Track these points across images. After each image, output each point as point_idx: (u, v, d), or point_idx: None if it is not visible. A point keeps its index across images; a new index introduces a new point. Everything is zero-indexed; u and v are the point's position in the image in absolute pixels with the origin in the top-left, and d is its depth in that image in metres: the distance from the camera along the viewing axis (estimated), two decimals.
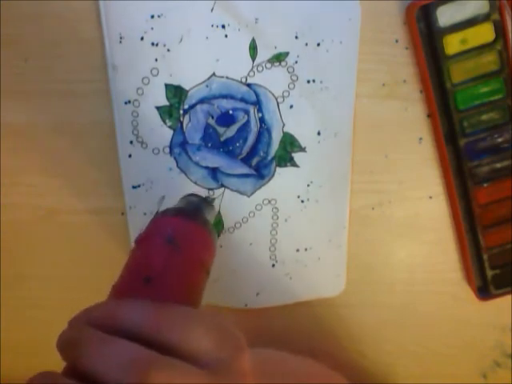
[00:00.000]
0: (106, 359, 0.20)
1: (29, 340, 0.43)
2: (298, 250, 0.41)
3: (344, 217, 0.40)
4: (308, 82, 0.37)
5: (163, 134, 0.37)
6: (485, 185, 0.39)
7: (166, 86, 0.36)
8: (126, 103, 0.37)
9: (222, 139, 0.38)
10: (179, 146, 0.38)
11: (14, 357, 0.44)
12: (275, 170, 0.39)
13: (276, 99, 0.37)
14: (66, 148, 0.39)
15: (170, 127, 0.37)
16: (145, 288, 0.23)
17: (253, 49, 0.36)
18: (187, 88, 0.37)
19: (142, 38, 0.35)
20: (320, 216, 0.40)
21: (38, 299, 0.42)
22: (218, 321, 0.23)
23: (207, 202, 0.31)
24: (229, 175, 0.39)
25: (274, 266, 0.41)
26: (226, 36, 0.36)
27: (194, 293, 0.24)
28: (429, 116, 0.39)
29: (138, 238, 0.26)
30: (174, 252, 0.24)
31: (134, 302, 0.23)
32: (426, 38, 0.36)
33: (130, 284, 0.24)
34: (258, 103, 0.37)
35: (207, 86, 0.37)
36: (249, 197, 0.39)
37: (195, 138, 0.38)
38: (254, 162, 0.38)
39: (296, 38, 0.36)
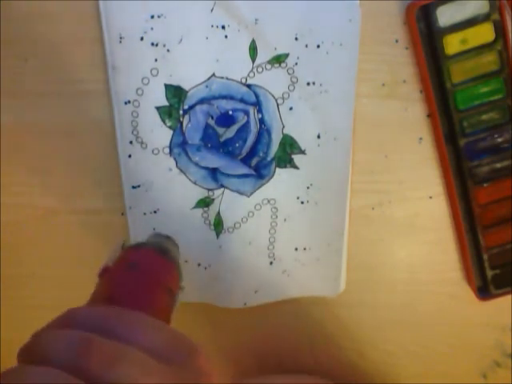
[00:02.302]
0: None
1: None
2: (296, 249, 0.41)
3: (343, 221, 0.40)
4: (308, 84, 0.37)
5: (163, 134, 0.37)
6: (485, 185, 0.39)
7: (166, 86, 0.36)
8: (125, 103, 0.37)
9: (222, 140, 0.38)
10: (179, 147, 0.38)
11: (14, 357, 0.44)
12: (275, 171, 0.39)
13: (276, 100, 0.37)
14: (66, 148, 0.39)
15: (169, 127, 0.37)
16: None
17: (253, 50, 0.36)
18: (187, 88, 0.37)
19: (141, 38, 0.35)
20: (319, 219, 0.40)
21: (38, 299, 0.42)
22: (168, 327, 0.24)
23: (170, 239, 0.33)
24: (228, 175, 0.39)
25: (271, 263, 0.41)
26: (226, 37, 0.35)
27: (157, 310, 0.26)
28: (429, 116, 0.39)
29: (100, 271, 0.28)
30: (134, 273, 0.27)
31: (89, 306, 0.25)
32: (426, 38, 0.36)
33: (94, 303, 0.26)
34: (257, 104, 0.37)
35: (207, 87, 0.37)
36: (248, 197, 0.39)
37: (195, 138, 0.38)
38: (254, 162, 0.38)
39: (296, 39, 0.36)
